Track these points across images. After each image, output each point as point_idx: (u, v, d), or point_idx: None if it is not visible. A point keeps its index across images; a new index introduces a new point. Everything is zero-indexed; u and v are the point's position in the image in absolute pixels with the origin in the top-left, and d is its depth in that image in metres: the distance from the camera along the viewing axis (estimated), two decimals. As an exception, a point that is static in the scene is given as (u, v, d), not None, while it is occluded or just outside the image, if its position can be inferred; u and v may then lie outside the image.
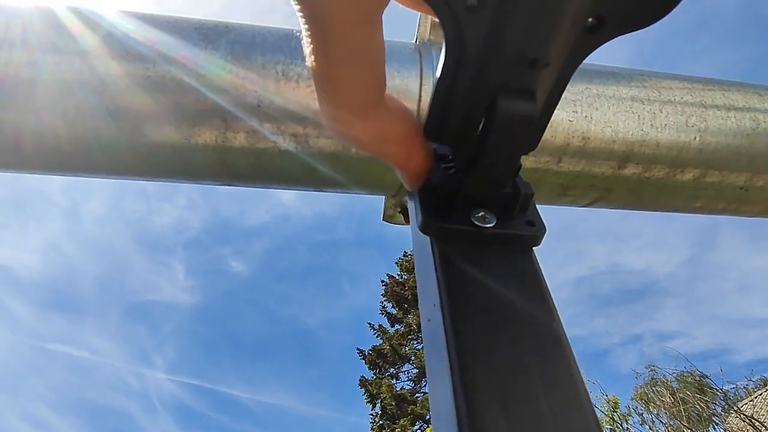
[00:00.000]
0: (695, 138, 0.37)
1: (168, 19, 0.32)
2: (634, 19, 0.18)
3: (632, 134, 0.35)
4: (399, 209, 0.41)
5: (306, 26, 0.16)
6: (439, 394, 0.17)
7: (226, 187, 0.35)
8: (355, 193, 0.36)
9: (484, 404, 0.16)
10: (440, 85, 0.20)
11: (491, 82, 0.19)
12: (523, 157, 0.22)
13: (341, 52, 0.17)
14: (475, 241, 0.21)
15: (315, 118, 0.31)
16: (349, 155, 0.32)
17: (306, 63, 0.16)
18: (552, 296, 0.20)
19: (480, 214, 0.22)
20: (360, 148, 0.21)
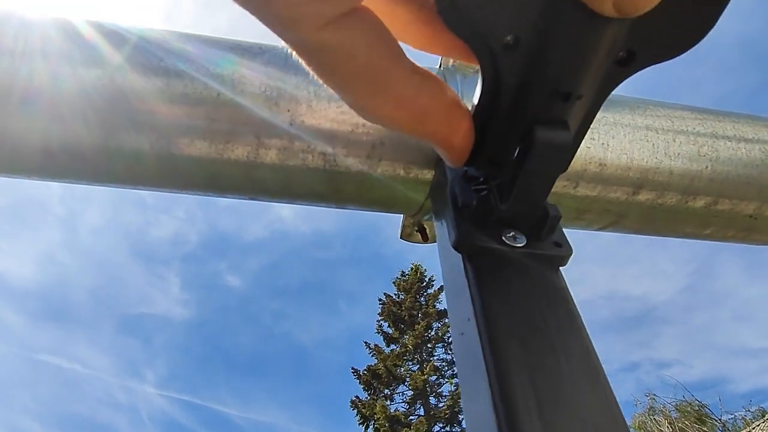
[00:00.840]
0: (707, 167, 0.38)
1: (204, 38, 0.34)
2: (663, 51, 0.19)
3: (647, 162, 0.36)
4: (416, 228, 0.42)
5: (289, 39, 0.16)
6: (477, 407, 0.18)
7: (252, 201, 0.36)
8: (377, 212, 0.37)
9: (524, 416, 0.16)
10: (477, 115, 0.21)
11: (528, 113, 0.20)
12: None
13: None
14: (505, 259, 0.22)
15: (344, 137, 0.32)
16: (375, 175, 0.33)
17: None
18: (581, 314, 0.21)
19: (510, 234, 0.23)
20: (397, 129, 0.20)
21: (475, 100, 0.20)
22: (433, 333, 18.77)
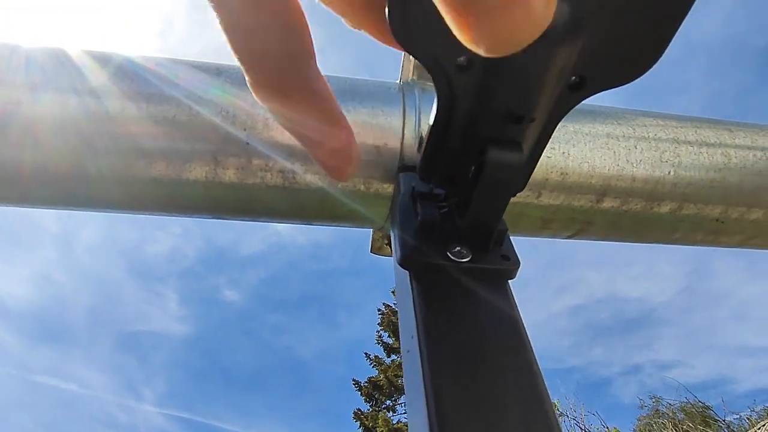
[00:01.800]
0: (670, 172, 0.38)
1: (159, 60, 0.34)
2: (614, 77, 0.19)
3: (609, 169, 0.37)
4: (387, 241, 0.41)
5: None
6: (416, 425, 0.18)
7: (215, 219, 0.35)
8: (342, 227, 0.37)
9: None
10: (433, 132, 0.21)
11: (481, 133, 0.20)
12: None
13: None
14: (451, 275, 0.22)
15: (302, 153, 0.32)
16: (335, 191, 0.33)
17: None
18: (526, 328, 0.21)
19: (456, 249, 0.23)
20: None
21: (432, 118, 0.21)
22: (433, 342, 18.58)
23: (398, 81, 0.37)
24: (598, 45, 0.17)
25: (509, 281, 0.23)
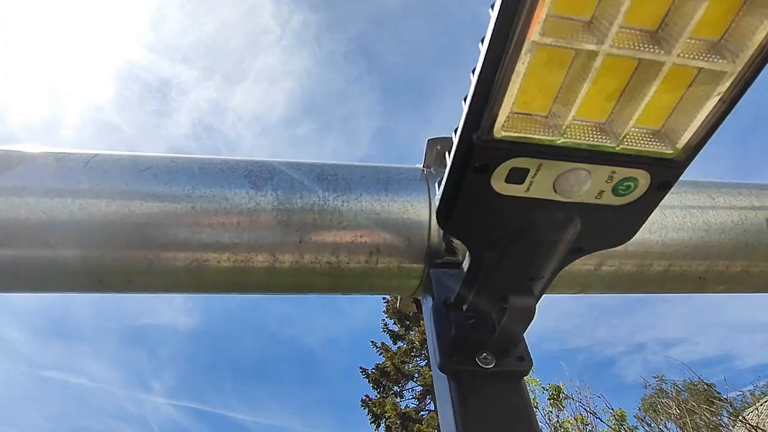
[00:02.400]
0: (660, 237, 0.44)
1: (220, 162, 0.40)
2: (602, 245, 0.26)
3: None
4: (412, 300, 0.48)
5: None
6: None
7: (273, 295, 0.41)
8: (378, 295, 0.43)
9: None
10: (466, 280, 0.28)
11: (503, 286, 0.27)
12: None
13: None
14: (479, 379, 0.28)
15: (346, 247, 0.38)
16: (374, 273, 0.39)
17: None
18: (537, 420, 0.27)
19: (483, 356, 0.29)
20: None
21: (465, 266, 0.28)
22: (438, 328, 18.74)
23: (422, 167, 0.43)
24: (591, 230, 0.23)
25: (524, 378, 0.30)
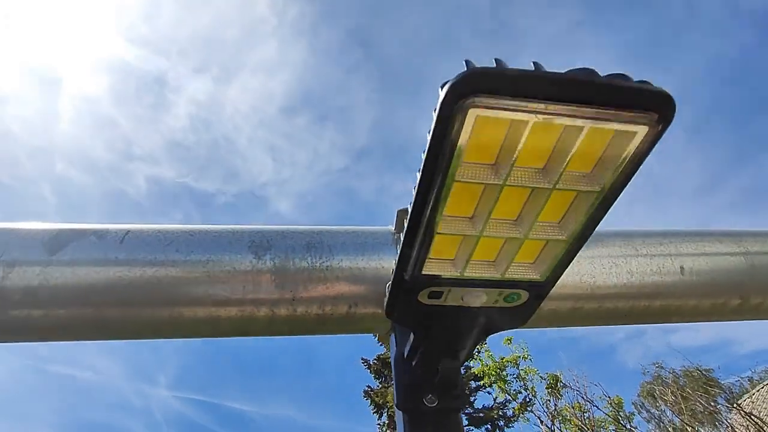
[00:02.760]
0: (590, 282, 0.53)
1: (221, 232, 0.49)
2: (506, 327, 0.36)
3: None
4: (387, 339, 0.57)
5: None
6: None
7: (271, 337, 0.51)
8: (359, 334, 0.53)
9: None
10: (410, 351, 0.38)
11: (437, 354, 0.37)
12: None
13: None
14: (426, 414, 0.38)
15: (331, 300, 0.47)
16: (353, 319, 0.49)
17: None
18: None
19: (429, 397, 0.39)
20: None
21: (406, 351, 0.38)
22: (439, 318, 18.93)
23: (393, 231, 0.53)
24: (495, 320, 0.33)
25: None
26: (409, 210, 0.30)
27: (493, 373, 11.95)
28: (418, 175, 0.28)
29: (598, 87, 0.24)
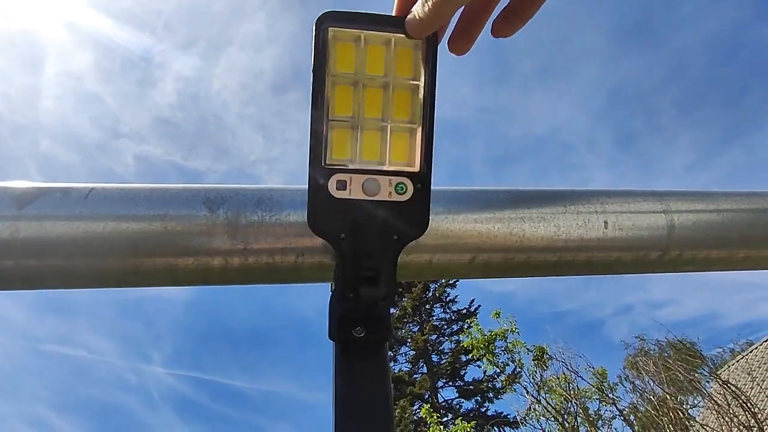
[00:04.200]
0: (519, 236, 0.59)
1: (185, 191, 0.54)
2: (410, 235, 0.41)
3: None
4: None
5: None
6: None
7: (229, 286, 0.56)
8: (309, 283, 0.58)
9: None
10: (336, 274, 0.43)
11: (355, 279, 0.42)
12: None
13: None
14: (353, 344, 0.44)
15: (280, 251, 0.52)
16: (302, 268, 0.54)
17: None
18: (389, 370, 0.43)
19: (357, 329, 0.44)
20: None
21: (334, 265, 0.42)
22: (430, 294, 19.25)
23: None
24: (397, 223, 0.40)
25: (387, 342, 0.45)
26: (310, 112, 0.41)
27: (482, 346, 12.21)
28: (311, 84, 0.41)
29: (393, 20, 0.40)
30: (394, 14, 0.43)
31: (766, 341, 12.06)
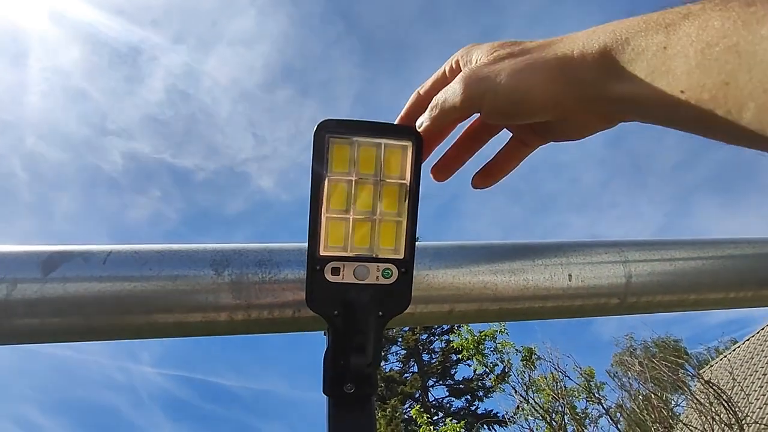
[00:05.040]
0: (493, 290, 0.66)
1: (192, 252, 0.60)
2: (395, 312, 0.48)
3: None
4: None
5: None
6: None
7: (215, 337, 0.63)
8: (305, 332, 0.65)
9: None
10: (328, 339, 0.49)
11: (346, 349, 0.48)
12: None
13: None
14: (345, 400, 0.50)
15: (279, 306, 0.59)
16: (300, 321, 0.61)
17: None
18: (375, 428, 0.50)
19: (347, 385, 0.51)
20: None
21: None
22: (421, 294, 19.33)
23: None
24: (385, 303, 0.47)
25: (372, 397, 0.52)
26: (309, 208, 0.49)
27: (472, 346, 12.34)
28: (310, 183, 0.48)
29: (383, 126, 0.47)
30: (396, 122, 0.52)
31: (747, 341, 12.34)
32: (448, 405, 18.16)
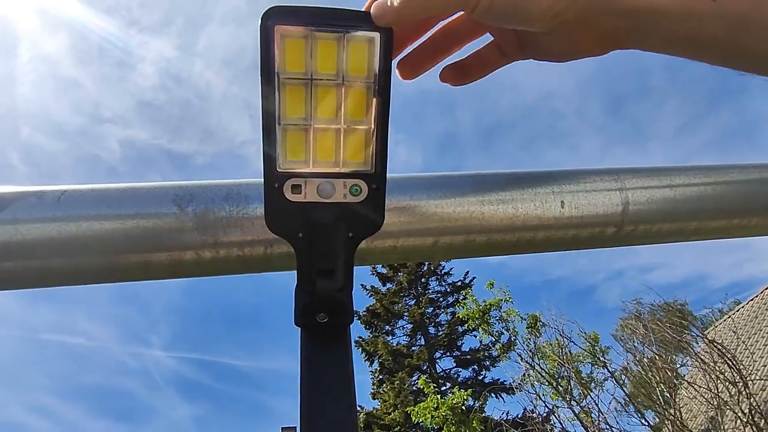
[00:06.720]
0: (479, 218, 0.61)
1: (154, 189, 0.56)
2: (366, 232, 0.43)
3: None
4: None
5: None
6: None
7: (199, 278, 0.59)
8: (277, 272, 0.61)
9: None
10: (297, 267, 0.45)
11: (312, 273, 0.44)
12: None
13: None
14: (317, 330, 0.47)
15: (249, 243, 0.55)
16: (270, 258, 0.57)
17: None
18: (351, 354, 0.46)
19: (320, 315, 0.47)
20: None
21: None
22: (425, 268, 19.43)
23: None
24: (354, 222, 0.44)
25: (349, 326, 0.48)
26: (261, 116, 0.42)
27: (477, 316, 12.43)
28: (260, 87, 0.41)
29: (344, 13, 0.39)
30: (363, 8, 0.41)
31: (751, 301, 12.37)
32: (455, 375, 18.40)
